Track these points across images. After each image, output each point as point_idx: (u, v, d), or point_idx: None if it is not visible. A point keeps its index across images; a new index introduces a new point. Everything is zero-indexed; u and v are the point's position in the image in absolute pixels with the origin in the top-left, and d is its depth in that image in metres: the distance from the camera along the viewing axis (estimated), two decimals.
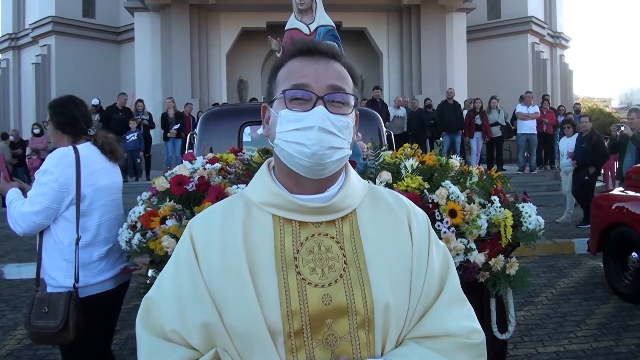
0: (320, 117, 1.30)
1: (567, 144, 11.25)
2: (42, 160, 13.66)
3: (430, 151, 3.19)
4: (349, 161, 1.49)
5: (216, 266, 1.33)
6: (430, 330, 1.37)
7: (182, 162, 3.22)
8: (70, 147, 3.05)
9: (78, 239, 2.98)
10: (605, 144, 11.27)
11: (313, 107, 1.32)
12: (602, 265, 7.29)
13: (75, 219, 2.99)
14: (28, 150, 17.25)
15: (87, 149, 3.11)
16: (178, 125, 15.21)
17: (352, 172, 1.48)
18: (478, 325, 1.44)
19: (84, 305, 2.93)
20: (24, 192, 3.13)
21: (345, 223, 1.39)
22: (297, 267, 1.32)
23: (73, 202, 2.99)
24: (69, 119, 3.14)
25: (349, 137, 1.35)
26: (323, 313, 1.30)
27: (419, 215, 1.50)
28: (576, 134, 11.16)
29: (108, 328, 3.29)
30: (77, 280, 2.95)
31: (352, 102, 1.38)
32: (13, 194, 3.08)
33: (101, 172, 3.14)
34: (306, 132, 1.30)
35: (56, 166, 2.95)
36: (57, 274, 2.98)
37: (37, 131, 17.04)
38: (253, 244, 1.34)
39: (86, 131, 3.19)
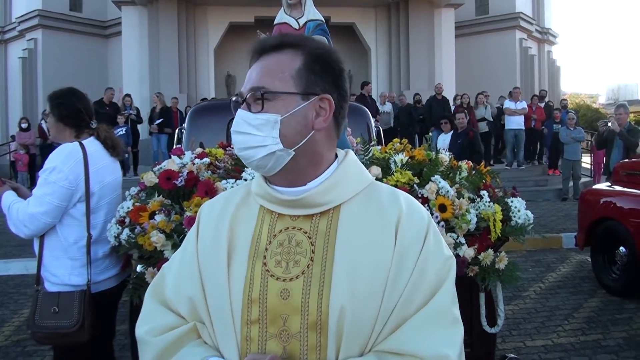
0: (236, 121, 1.36)
1: (443, 141, 11.00)
2: (30, 155, 13.58)
3: (419, 146, 3.20)
4: None
5: (207, 247, 1.42)
6: (396, 346, 1.27)
7: (169, 157, 3.20)
8: (77, 144, 2.97)
9: (89, 238, 2.93)
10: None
11: None
12: (589, 260, 7.33)
13: (86, 218, 2.93)
14: (14, 145, 17.12)
15: (92, 145, 3.03)
16: (160, 120, 15.14)
17: (349, 166, 1.43)
18: (453, 354, 1.29)
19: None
20: (18, 192, 3.06)
21: (323, 219, 1.36)
22: (265, 258, 1.34)
23: (80, 200, 2.92)
24: (72, 111, 3.05)
25: (272, 133, 1.32)
26: (279, 307, 1.30)
27: (416, 221, 1.38)
28: (452, 131, 11.04)
29: (110, 326, 3.25)
30: (89, 279, 2.91)
31: (282, 95, 1.33)
32: (9, 197, 2.96)
33: (106, 168, 3.07)
34: (233, 135, 1.38)
35: (65, 163, 2.86)
36: (61, 271, 2.91)
37: (24, 126, 16.92)
38: (237, 230, 1.40)
39: (88, 124, 3.11)
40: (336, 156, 1.44)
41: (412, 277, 1.31)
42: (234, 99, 1.39)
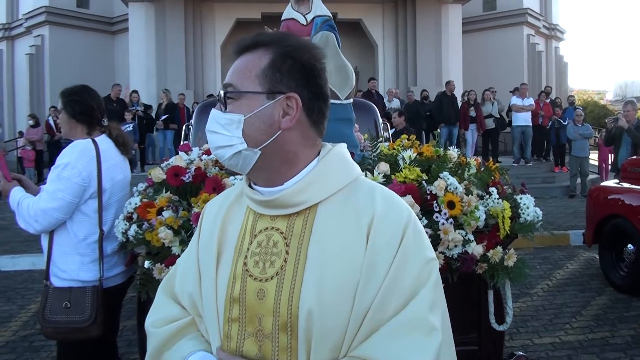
0: (209, 120, 1.39)
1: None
2: (37, 151, 13.62)
3: (427, 143, 3.18)
4: (350, 152, 1.47)
5: (204, 244, 1.47)
6: (366, 354, 1.24)
7: (175, 153, 3.20)
8: (90, 140, 2.98)
9: (102, 234, 2.94)
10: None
11: None
12: (597, 257, 7.30)
13: (98, 214, 2.95)
14: (22, 141, 17.17)
15: (104, 143, 3.04)
16: (166, 116, 15.15)
17: (329, 164, 1.38)
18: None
19: None
20: (21, 183, 3.07)
21: (299, 219, 1.34)
22: (245, 258, 1.36)
23: (92, 196, 2.93)
24: (85, 108, 3.07)
25: (236, 133, 1.32)
26: (256, 307, 1.32)
27: (392, 222, 1.32)
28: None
29: (114, 321, 3.26)
30: (102, 275, 2.93)
31: (246, 95, 1.33)
32: (18, 193, 2.97)
33: (117, 166, 3.09)
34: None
35: (78, 160, 2.88)
36: (71, 267, 2.92)
37: (32, 122, 16.96)
38: (227, 229, 1.44)
39: (100, 121, 3.13)
40: (319, 154, 1.41)
41: (386, 281, 1.26)
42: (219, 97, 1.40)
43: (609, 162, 14.81)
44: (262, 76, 1.32)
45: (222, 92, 1.35)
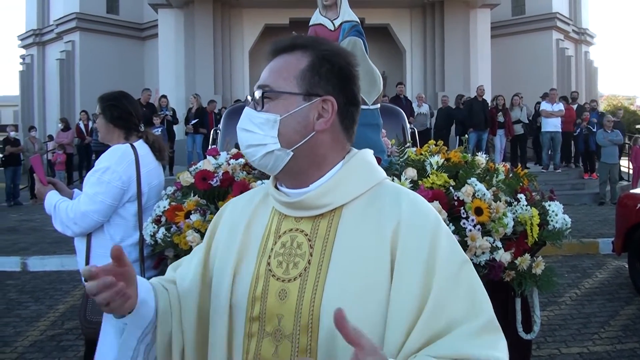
0: (242, 118, 1.39)
1: None
2: (67, 155, 13.85)
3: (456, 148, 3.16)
4: (375, 158, 1.47)
5: (221, 240, 1.49)
6: (445, 353, 1.17)
7: (204, 157, 3.23)
8: (128, 145, 3.05)
9: (142, 237, 2.99)
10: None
11: None
12: (626, 266, 7.18)
13: (138, 218, 3.00)
14: (52, 145, 17.45)
15: (142, 148, 3.11)
16: (196, 120, 15.27)
17: (354, 167, 1.39)
18: (505, 358, 1.23)
19: None
20: (55, 187, 3.12)
21: (324, 221, 1.36)
22: (269, 258, 1.38)
23: (130, 200, 2.99)
24: (123, 113, 3.13)
25: (271, 132, 1.33)
26: (276, 307, 1.32)
27: (418, 228, 1.30)
28: None
29: None
30: (144, 276, 2.95)
31: (284, 95, 1.34)
32: (55, 196, 3.03)
33: (153, 172, 3.15)
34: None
35: (118, 164, 2.94)
36: None
37: (61, 126, 17.24)
38: (252, 229, 1.45)
39: (138, 127, 3.20)
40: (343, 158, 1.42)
41: (435, 289, 1.23)
42: (249, 97, 1.42)
43: None
44: (301, 77, 1.35)
45: (258, 92, 1.36)
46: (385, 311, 1.24)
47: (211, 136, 7.27)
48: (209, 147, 4.47)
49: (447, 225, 2.47)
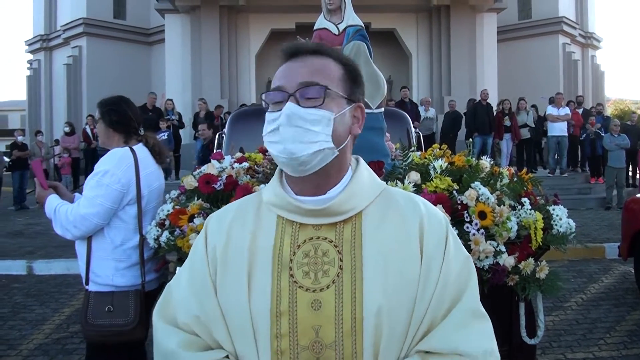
0: (287, 113, 1.31)
1: None
2: (73, 159, 13.89)
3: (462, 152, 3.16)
4: (378, 161, 1.48)
5: (220, 259, 1.40)
6: (436, 347, 1.30)
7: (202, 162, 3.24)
8: (127, 149, 3.05)
9: (142, 240, 2.99)
10: None
11: None
12: (632, 271, 7.14)
13: (138, 221, 3.01)
14: (58, 149, 17.51)
15: (141, 151, 3.11)
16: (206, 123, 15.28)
17: (362, 172, 1.44)
18: (495, 346, 1.35)
19: None
20: (57, 190, 3.13)
21: (347, 226, 1.37)
22: (290, 270, 1.34)
23: (130, 203, 2.99)
24: (122, 117, 3.14)
25: (326, 130, 1.32)
26: (311, 318, 1.30)
27: (436, 225, 1.40)
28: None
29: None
30: (144, 279, 2.99)
31: (334, 94, 1.35)
32: (55, 200, 3.03)
33: (153, 174, 3.15)
34: (279, 130, 1.32)
35: (118, 167, 2.94)
36: (105, 272, 2.97)
37: (67, 130, 17.29)
38: (256, 242, 1.39)
39: (137, 131, 3.20)
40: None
41: (440, 282, 1.33)
42: (271, 93, 1.38)
43: None
44: (343, 82, 1.39)
45: (315, 88, 1.33)
46: (414, 302, 1.32)
47: (216, 140, 7.30)
48: (214, 151, 4.48)
49: None
